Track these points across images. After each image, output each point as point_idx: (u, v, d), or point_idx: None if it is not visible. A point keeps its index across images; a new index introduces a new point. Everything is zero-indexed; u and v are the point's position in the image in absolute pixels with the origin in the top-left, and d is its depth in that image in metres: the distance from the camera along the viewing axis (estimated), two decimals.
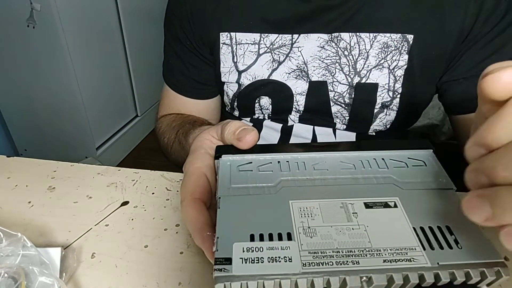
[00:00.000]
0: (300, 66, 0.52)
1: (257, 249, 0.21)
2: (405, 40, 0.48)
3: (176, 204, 0.43)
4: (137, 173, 0.48)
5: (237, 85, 0.55)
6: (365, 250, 0.21)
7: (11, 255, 0.30)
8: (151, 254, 0.36)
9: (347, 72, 0.50)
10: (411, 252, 0.21)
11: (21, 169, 0.49)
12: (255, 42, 0.52)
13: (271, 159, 0.28)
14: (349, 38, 0.49)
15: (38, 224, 0.40)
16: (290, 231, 0.22)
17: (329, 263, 0.20)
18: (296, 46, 0.51)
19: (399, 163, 0.27)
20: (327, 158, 0.28)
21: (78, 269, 0.35)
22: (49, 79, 1.41)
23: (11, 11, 1.28)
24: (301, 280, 0.20)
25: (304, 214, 0.23)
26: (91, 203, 0.43)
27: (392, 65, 0.49)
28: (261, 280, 0.20)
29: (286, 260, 0.20)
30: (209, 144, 0.32)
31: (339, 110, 0.53)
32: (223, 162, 0.28)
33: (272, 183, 0.26)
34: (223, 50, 0.54)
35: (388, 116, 0.52)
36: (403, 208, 0.24)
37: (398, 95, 0.51)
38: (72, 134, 1.55)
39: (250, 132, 0.28)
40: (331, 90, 0.52)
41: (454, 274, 0.20)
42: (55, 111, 1.50)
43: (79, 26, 1.40)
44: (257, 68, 0.53)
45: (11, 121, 1.58)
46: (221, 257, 0.20)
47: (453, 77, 0.49)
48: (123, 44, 1.67)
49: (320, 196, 0.25)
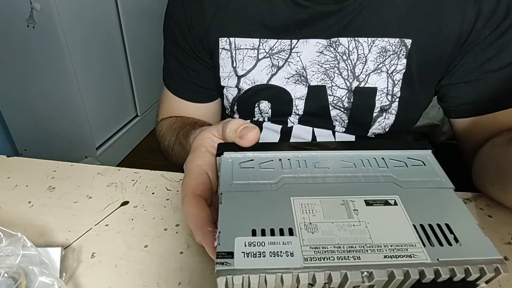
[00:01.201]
0: (299, 71, 0.52)
1: (259, 243, 0.21)
2: (403, 44, 0.48)
3: (176, 204, 0.43)
4: (137, 173, 0.48)
5: (237, 90, 0.55)
6: (366, 246, 0.21)
7: (11, 255, 0.30)
8: (151, 254, 0.36)
9: (346, 77, 0.50)
10: (411, 249, 0.21)
11: (21, 169, 0.49)
12: (254, 47, 0.52)
13: (273, 157, 0.28)
14: (348, 43, 0.49)
15: (38, 224, 0.40)
16: (292, 226, 0.22)
17: (331, 258, 0.20)
18: (295, 51, 0.51)
19: (399, 162, 0.28)
20: (328, 157, 0.28)
21: (78, 269, 0.35)
22: (49, 79, 1.41)
23: (11, 11, 1.28)
24: (303, 275, 0.20)
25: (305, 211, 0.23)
26: (91, 203, 0.43)
27: (391, 70, 0.49)
28: (263, 274, 0.20)
29: (288, 255, 0.20)
30: (210, 142, 0.32)
31: (338, 114, 0.53)
32: (225, 159, 0.28)
33: (273, 180, 0.26)
34: (222, 55, 0.54)
35: (387, 120, 0.52)
36: (403, 206, 0.24)
37: (396, 99, 0.51)
38: (72, 134, 1.55)
39: (252, 130, 0.28)
40: (330, 95, 0.52)
41: (454, 270, 0.20)
42: (55, 111, 1.50)
43: (79, 26, 1.40)
44: (256, 73, 0.53)
45: (11, 121, 1.58)
46: (223, 251, 0.21)
47: (452, 81, 0.49)
48: (123, 44, 1.67)
49: (321, 194, 0.25)
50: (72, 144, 1.57)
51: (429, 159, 0.28)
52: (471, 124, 0.49)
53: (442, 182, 0.26)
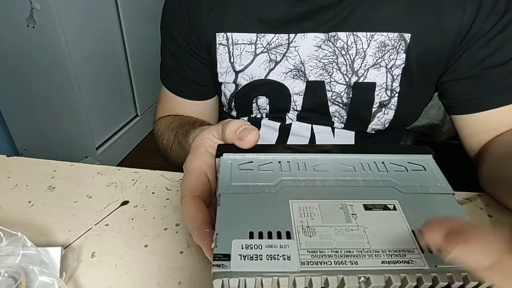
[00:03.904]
0: (297, 66, 0.51)
1: (256, 246, 0.21)
2: (402, 39, 0.47)
3: (176, 204, 0.43)
4: (137, 173, 0.48)
5: (234, 85, 0.55)
6: (364, 251, 0.21)
7: (11, 254, 0.30)
8: (151, 253, 0.36)
9: (345, 72, 0.50)
10: (409, 254, 0.21)
11: (21, 169, 0.49)
12: (252, 42, 0.52)
13: (272, 159, 0.28)
14: (346, 37, 0.49)
15: (38, 224, 0.40)
16: (289, 229, 0.22)
17: (328, 263, 0.20)
18: (293, 46, 0.51)
19: (399, 167, 0.28)
20: (328, 160, 0.28)
21: (78, 268, 0.35)
22: (49, 79, 1.41)
23: (11, 11, 1.28)
24: (299, 279, 0.20)
25: (303, 214, 0.23)
26: (91, 203, 0.43)
27: (390, 64, 0.49)
28: (259, 277, 0.19)
29: (284, 258, 0.20)
30: (209, 143, 0.32)
31: (337, 110, 0.53)
32: (224, 160, 0.28)
33: (272, 182, 0.26)
34: (220, 51, 0.54)
35: (386, 115, 0.52)
36: (402, 211, 0.24)
37: (396, 94, 0.50)
38: (72, 134, 1.55)
39: (251, 131, 0.28)
40: (328, 90, 0.52)
41: (452, 277, 0.20)
42: (55, 111, 1.50)
43: (79, 26, 1.40)
44: (254, 68, 0.53)
45: (11, 121, 1.58)
46: (220, 253, 0.20)
47: (452, 77, 0.49)
48: (123, 44, 1.67)
49: (320, 197, 0.25)
50: (72, 144, 1.57)
51: (430, 164, 0.28)
52: (473, 121, 0.49)
53: (442, 187, 0.26)
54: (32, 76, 1.42)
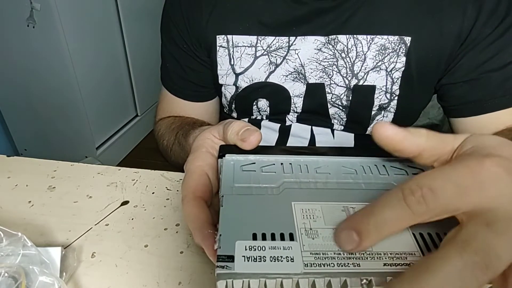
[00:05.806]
0: (297, 69, 0.51)
1: (259, 248, 0.21)
2: (402, 42, 0.47)
3: (176, 204, 0.43)
4: (137, 173, 0.48)
5: (235, 88, 0.55)
6: (366, 253, 0.21)
7: (11, 254, 0.30)
8: (151, 253, 0.36)
9: (345, 74, 0.50)
10: (410, 257, 0.21)
11: (21, 169, 0.49)
12: (252, 45, 0.52)
13: (274, 160, 0.28)
14: (346, 40, 0.49)
15: (38, 224, 0.40)
16: (292, 231, 0.22)
17: (331, 265, 0.20)
18: (293, 49, 0.51)
19: (400, 170, 0.28)
20: (330, 162, 0.28)
21: (78, 268, 0.35)
22: (49, 79, 1.41)
23: (11, 11, 1.28)
24: (303, 280, 0.20)
25: (306, 216, 0.23)
26: (91, 203, 0.43)
27: (390, 67, 0.49)
28: (263, 279, 0.20)
29: (288, 260, 0.20)
30: (210, 143, 0.32)
31: (337, 112, 0.53)
32: (227, 161, 0.28)
33: (275, 184, 0.26)
34: (220, 53, 0.54)
35: (385, 118, 0.52)
36: None
37: (395, 97, 0.51)
38: (72, 134, 1.55)
39: (254, 133, 0.28)
40: (328, 92, 0.52)
41: None
42: (55, 111, 1.50)
43: (79, 26, 1.40)
44: (254, 71, 0.53)
45: (11, 121, 1.58)
46: (223, 254, 0.20)
47: (452, 80, 0.49)
48: (123, 44, 1.67)
49: (322, 199, 0.25)
50: (72, 144, 1.57)
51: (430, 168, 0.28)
52: (471, 124, 0.49)
53: None
54: (32, 76, 1.42)
